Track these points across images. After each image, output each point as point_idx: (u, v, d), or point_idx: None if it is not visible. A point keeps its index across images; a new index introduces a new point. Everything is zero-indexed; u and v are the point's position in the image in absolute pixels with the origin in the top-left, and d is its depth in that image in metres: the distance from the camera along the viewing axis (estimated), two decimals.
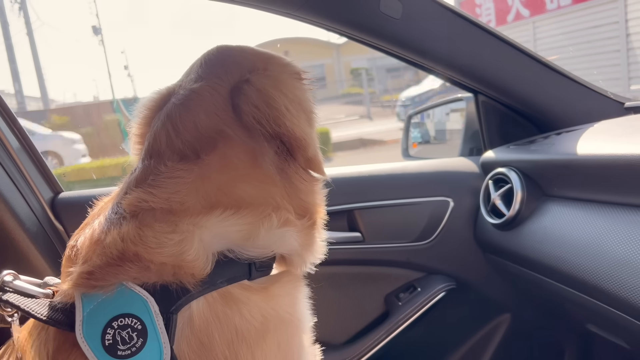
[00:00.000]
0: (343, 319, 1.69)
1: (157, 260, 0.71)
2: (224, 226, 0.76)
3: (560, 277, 1.23)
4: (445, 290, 1.64)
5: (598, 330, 1.31)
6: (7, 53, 15.51)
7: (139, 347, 0.69)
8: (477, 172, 1.67)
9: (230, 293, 0.75)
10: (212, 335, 0.72)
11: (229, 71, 0.84)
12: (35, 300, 0.76)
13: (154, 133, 0.81)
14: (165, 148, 0.79)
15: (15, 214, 1.41)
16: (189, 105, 0.81)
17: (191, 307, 0.72)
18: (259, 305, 0.76)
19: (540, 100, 1.55)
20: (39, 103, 19.83)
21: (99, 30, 23.61)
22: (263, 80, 0.82)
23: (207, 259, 0.73)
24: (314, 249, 0.88)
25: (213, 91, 0.82)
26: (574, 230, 1.20)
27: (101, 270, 0.72)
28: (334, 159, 10.87)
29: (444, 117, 2.64)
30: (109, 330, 0.69)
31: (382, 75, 27.07)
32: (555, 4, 10.30)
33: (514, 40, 1.50)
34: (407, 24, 1.38)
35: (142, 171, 0.79)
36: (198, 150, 0.78)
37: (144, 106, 0.88)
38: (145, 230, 0.72)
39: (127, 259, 0.72)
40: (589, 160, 1.21)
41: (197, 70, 0.86)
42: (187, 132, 0.79)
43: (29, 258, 1.43)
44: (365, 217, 1.64)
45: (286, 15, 1.38)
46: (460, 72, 1.51)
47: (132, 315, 0.70)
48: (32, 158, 1.56)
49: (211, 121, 0.80)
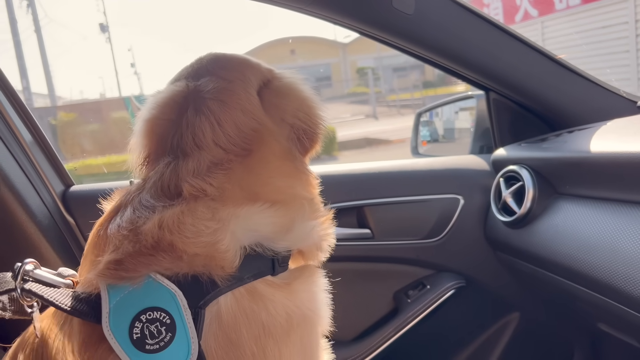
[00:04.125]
0: (351, 316, 1.69)
1: (191, 251, 0.71)
2: (261, 218, 0.77)
3: (571, 275, 1.23)
4: (454, 288, 1.63)
5: (609, 329, 1.31)
6: (15, 50, 15.59)
7: (167, 342, 0.68)
8: (488, 170, 1.66)
9: (255, 289, 0.75)
10: (240, 331, 0.72)
11: (251, 72, 0.89)
12: (57, 290, 0.75)
13: (194, 126, 0.82)
14: (210, 141, 0.80)
15: (27, 207, 1.42)
16: (226, 101, 0.83)
17: (219, 302, 0.72)
18: (283, 302, 0.77)
19: (552, 98, 1.54)
20: (46, 100, 19.92)
21: (106, 28, 23.71)
22: (289, 81, 0.91)
23: (236, 252, 0.74)
24: (328, 242, 0.89)
25: (245, 89, 0.86)
26: (586, 228, 1.19)
27: (131, 259, 0.71)
28: (340, 158, 10.87)
29: (453, 115, 2.63)
30: (137, 323, 0.69)
31: (389, 75, 27.04)
32: (564, 3, 10.23)
33: (526, 38, 1.49)
34: (420, 19, 1.38)
35: (192, 161, 0.79)
36: (240, 144, 0.81)
37: (159, 104, 0.87)
38: (186, 216, 0.73)
39: (161, 249, 0.71)
40: (602, 158, 1.20)
41: (206, 71, 0.88)
42: (229, 126, 0.81)
43: (40, 250, 1.44)
44: (375, 213, 1.64)
45: (298, 10, 1.38)
46: (473, 69, 1.51)
47: (161, 309, 0.69)
48: (45, 151, 1.57)
49: (248, 118, 0.83)
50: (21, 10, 17.95)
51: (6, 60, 11.82)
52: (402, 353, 1.69)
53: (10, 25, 15.19)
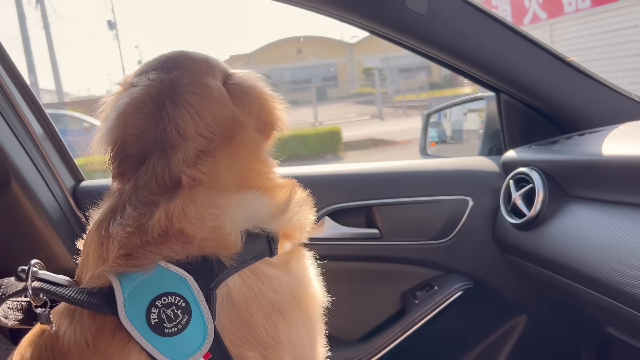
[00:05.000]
0: (358, 316, 1.70)
1: (199, 235, 0.75)
2: (256, 202, 0.83)
3: (581, 278, 1.22)
4: (462, 290, 1.63)
5: (618, 333, 1.30)
6: (23, 45, 15.69)
7: (185, 324, 0.71)
8: (497, 172, 1.66)
9: (259, 269, 0.80)
10: (252, 309, 0.76)
11: (216, 67, 0.94)
12: (66, 287, 0.75)
13: (175, 118, 0.84)
14: (192, 131, 0.83)
15: (38, 201, 1.43)
16: (201, 94, 0.87)
17: (227, 284, 0.76)
18: (286, 280, 0.82)
19: (563, 101, 1.53)
20: (54, 96, 20.02)
21: (114, 25, 23.82)
22: (247, 78, 0.97)
23: (238, 235, 0.78)
24: (308, 224, 0.94)
25: (215, 83, 0.90)
26: (597, 231, 1.19)
27: (140, 250, 0.73)
28: (345, 158, 10.88)
29: (461, 116, 2.62)
30: (154, 309, 0.71)
31: (395, 76, 27.01)
32: (573, 6, 10.19)
33: (539, 40, 1.49)
34: (432, 20, 1.38)
35: (180, 151, 0.82)
36: (219, 133, 0.85)
37: (134, 99, 0.87)
38: (189, 205, 0.76)
39: (170, 236, 0.74)
40: (614, 162, 1.19)
41: (176, 65, 0.90)
42: (207, 117, 0.85)
43: (51, 245, 1.45)
44: (384, 213, 1.64)
45: (311, 9, 1.39)
46: (484, 71, 1.50)
47: (175, 293, 0.72)
48: (56, 146, 1.58)
49: (222, 109, 0.87)
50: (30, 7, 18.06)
51: (14, 56, 11.87)
52: (408, 354, 1.69)
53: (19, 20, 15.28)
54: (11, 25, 14.40)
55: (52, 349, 0.74)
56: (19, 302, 0.78)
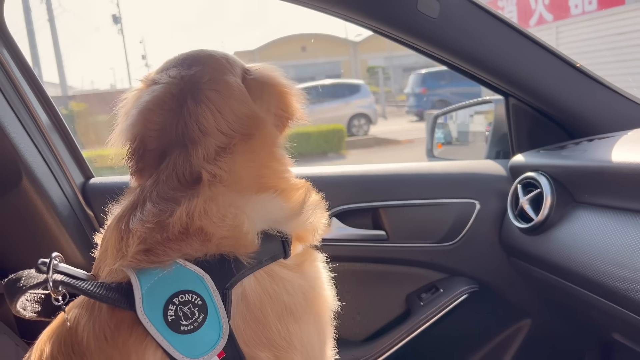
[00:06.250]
0: (364, 316, 1.70)
1: (219, 233, 0.76)
2: (272, 203, 0.83)
3: (588, 284, 1.22)
4: (467, 293, 1.63)
5: (624, 339, 1.30)
6: (28, 38, 15.69)
7: (201, 322, 0.72)
8: (505, 176, 1.66)
9: (273, 271, 0.81)
10: (266, 310, 0.77)
11: (235, 64, 0.95)
12: (86, 281, 0.76)
13: (196, 114, 0.85)
14: (213, 128, 0.84)
15: (48, 198, 1.43)
16: (221, 91, 0.87)
17: (243, 284, 0.77)
18: (298, 282, 0.83)
19: (573, 106, 1.53)
20: (57, 89, 20.01)
21: (118, 19, 23.80)
22: (265, 72, 0.97)
23: (255, 234, 0.79)
24: (321, 227, 0.95)
25: (235, 80, 0.91)
26: (605, 237, 1.19)
27: (160, 246, 0.74)
28: (348, 157, 10.86)
29: (468, 119, 2.62)
30: (171, 306, 0.72)
31: (399, 75, 26.93)
32: (580, 9, 10.15)
33: (548, 44, 1.49)
34: (444, 23, 1.38)
35: (200, 147, 0.83)
36: (239, 130, 0.86)
37: (155, 96, 0.89)
38: (211, 204, 0.77)
39: (190, 234, 0.75)
40: (624, 168, 1.19)
41: (197, 61, 0.91)
42: (228, 114, 0.86)
43: (60, 241, 1.45)
44: (391, 215, 1.64)
45: (323, 10, 1.39)
46: (494, 74, 1.50)
47: (192, 291, 0.73)
48: (66, 142, 1.59)
49: (242, 106, 0.88)
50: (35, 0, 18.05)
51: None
52: (412, 355, 1.69)
53: (24, 13, 15.28)
54: (16, 18, 14.40)
55: (72, 343, 0.74)
56: (36, 295, 0.79)
